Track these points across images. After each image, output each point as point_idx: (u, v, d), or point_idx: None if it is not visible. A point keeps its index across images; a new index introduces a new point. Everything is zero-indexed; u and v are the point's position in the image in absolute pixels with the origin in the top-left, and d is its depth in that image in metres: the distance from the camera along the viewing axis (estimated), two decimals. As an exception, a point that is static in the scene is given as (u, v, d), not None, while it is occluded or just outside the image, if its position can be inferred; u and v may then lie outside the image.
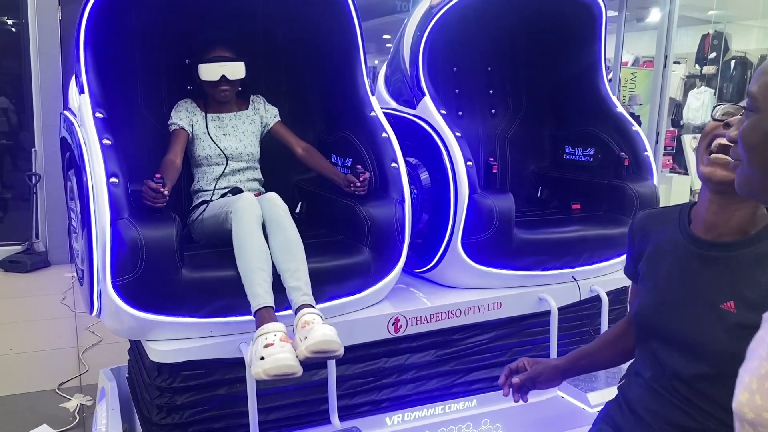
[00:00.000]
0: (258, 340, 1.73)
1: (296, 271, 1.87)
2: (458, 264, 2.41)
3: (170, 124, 2.39)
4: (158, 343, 1.92)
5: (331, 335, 1.71)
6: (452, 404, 2.40)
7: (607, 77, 2.94)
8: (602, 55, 2.88)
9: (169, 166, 2.25)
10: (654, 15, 7.44)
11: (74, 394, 2.76)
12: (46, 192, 4.73)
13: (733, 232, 1.15)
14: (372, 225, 2.13)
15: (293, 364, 1.69)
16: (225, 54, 2.36)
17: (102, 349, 3.23)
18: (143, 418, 2.10)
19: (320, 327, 1.72)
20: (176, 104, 2.43)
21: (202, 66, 2.34)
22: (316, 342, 1.68)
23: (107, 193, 1.79)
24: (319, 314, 1.80)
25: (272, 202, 2.01)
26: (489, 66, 3.17)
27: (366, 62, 2.40)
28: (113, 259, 1.79)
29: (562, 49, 3.00)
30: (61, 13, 4.61)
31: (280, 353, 1.67)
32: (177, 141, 2.35)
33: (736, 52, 8.65)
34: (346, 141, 2.43)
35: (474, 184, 2.35)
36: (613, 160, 2.78)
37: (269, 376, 1.67)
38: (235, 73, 2.37)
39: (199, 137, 2.41)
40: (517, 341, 2.52)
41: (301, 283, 1.85)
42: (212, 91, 2.40)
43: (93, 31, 2.04)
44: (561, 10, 2.77)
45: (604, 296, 2.61)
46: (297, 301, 1.83)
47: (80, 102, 1.97)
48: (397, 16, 6.29)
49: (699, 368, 1.13)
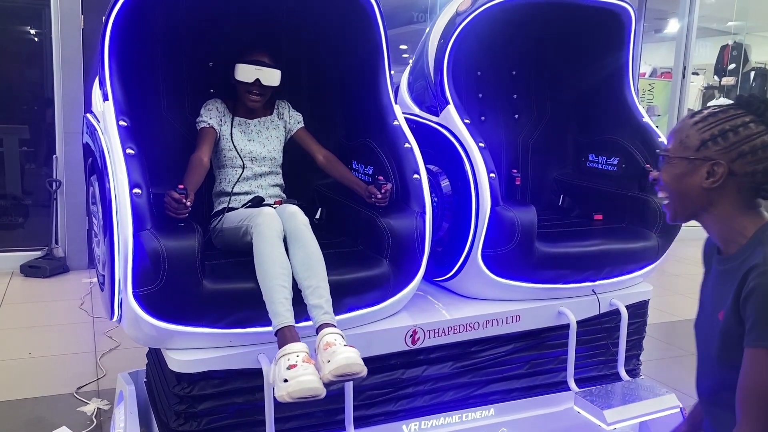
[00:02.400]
0: (280, 361, 1.73)
1: (317, 288, 1.86)
2: (478, 275, 2.40)
3: (199, 121, 2.38)
4: (178, 352, 1.93)
5: (354, 358, 1.71)
6: (470, 413, 2.40)
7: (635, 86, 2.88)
8: (630, 64, 2.83)
9: (197, 165, 2.24)
10: (672, 26, 7.36)
11: (92, 398, 2.79)
12: (66, 198, 4.78)
13: (731, 245, 1.24)
14: (392, 238, 2.12)
15: (317, 387, 1.69)
16: (264, 59, 2.35)
17: (119, 354, 3.27)
18: (161, 422, 2.12)
19: (343, 350, 1.71)
20: (206, 102, 2.42)
21: (240, 66, 2.33)
22: (339, 366, 1.68)
23: (130, 204, 1.79)
24: (340, 334, 1.80)
25: (293, 216, 2.00)
26: (513, 70, 3.12)
27: (390, 70, 2.37)
28: (135, 270, 1.79)
29: (589, 55, 2.95)
30: (84, 22, 4.65)
31: (303, 375, 1.67)
32: (206, 139, 2.34)
33: (755, 64, 8.61)
34: (368, 148, 2.41)
35: (496, 197, 2.32)
36: (638, 172, 2.73)
37: (293, 399, 1.66)
38: (271, 79, 2.35)
39: (226, 138, 2.40)
40: (535, 354, 2.50)
41: (323, 301, 1.85)
42: (243, 95, 2.39)
43: (118, 36, 2.03)
44: (589, 16, 2.71)
45: (624, 310, 2.58)
46: (318, 320, 1.83)
47: (104, 109, 1.97)
48: (413, 27, 6.25)
49: (714, 375, 1.24)
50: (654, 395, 2.38)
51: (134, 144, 1.90)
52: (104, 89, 1.97)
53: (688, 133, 1.22)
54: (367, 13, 2.30)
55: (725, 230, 1.24)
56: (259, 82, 2.34)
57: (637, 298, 2.68)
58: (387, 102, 2.36)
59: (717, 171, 1.18)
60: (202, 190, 2.38)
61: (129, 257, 1.79)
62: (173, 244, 1.80)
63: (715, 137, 1.19)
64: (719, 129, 1.19)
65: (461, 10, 2.48)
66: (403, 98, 2.80)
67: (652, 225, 2.63)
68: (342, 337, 1.79)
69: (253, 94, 2.37)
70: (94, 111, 2.17)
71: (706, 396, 1.29)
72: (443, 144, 2.47)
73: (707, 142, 1.20)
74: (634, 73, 2.85)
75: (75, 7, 4.59)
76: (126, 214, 1.79)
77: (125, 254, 1.79)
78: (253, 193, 2.40)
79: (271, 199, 2.39)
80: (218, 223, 2.23)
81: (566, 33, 2.96)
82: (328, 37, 2.54)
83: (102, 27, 1.99)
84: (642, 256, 2.60)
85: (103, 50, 1.99)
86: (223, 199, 2.40)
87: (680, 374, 3.38)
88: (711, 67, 8.75)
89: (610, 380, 2.63)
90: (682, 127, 1.24)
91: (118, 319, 2.00)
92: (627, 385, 2.48)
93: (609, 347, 2.64)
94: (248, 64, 2.33)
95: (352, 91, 2.52)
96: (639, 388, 2.46)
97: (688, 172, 1.21)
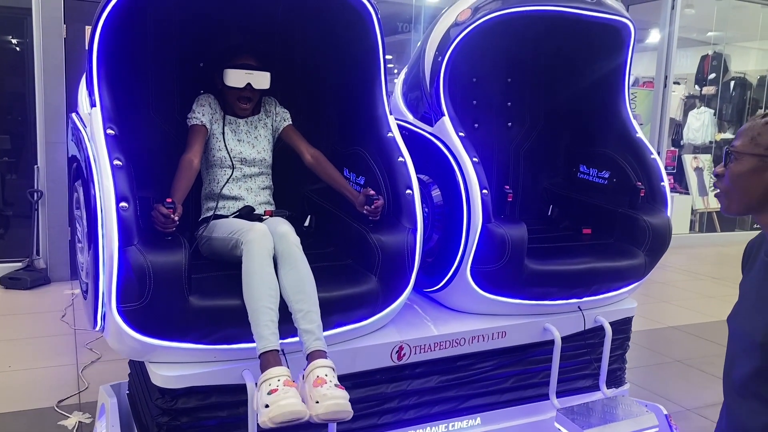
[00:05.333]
0: (262, 386, 1.71)
1: (309, 312, 1.84)
2: (466, 290, 2.39)
3: (191, 117, 2.31)
4: (161, 367, 1.90)
5: (343, 404, 1.69)
6: (456, 422, 2.41)
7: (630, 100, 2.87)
8: (626, 79, 2.81)
9: (187, 168, 2.19)
10: (654, 36, 7.39)
11: (73, 411, 2.75)
12: (48, 209, 4.69)
13: None
14: (383, 254, 2.10)
15: (299, 409, 1.67)
16: (252, 62, 2.30)
17: (102, 367, 3.23)
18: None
19: (333, 393, 1.69)
20: (198, 97, 2.36)
21: (229, 71, 2.27)
22: (329, 412, 1.67)
23: (116, 219, 1.75)
24: (332, 367, 1.78)
25: (285, 237, 1.96)
26: (509, 78, 3.09)
27: (386, 80, 2.33)
28: (119, 285, 1.75)
29: (587, 67, 2.92)
30: (66, 31, 4.54)
31: (283, 399, 1.65)
32: (197, 138, 2.28)
33: (735, 73, 8.71)
34: (361, 158, 2.37)
35: (488, 213, 2.31)
36: (629, 188, 2.73)
37: (276, 424, 1.64)
38: (261, 83, 2.31)
39: (216, 137, 2.35)
40: (519, 369, 2.51)
41: (314, 326, 1.83)
42: (232, 102, 2.34)
43: (107, 38, 1.95)
44: (589, 30, 2.68)
45: (608, 327, 2.60)
46: (309, 346, 1.81)
47: (91, 115, 1.91)
48: (398, 37, 6.19)
49: (751, 363, 1.26)
50: (633, 415, 2.40)
51: (122, 152, 1.85)
52: (92, 95, 1.91)
53: (759, 131, 1.26)
54: (365, 22, 2.24)
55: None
56: (251, 86, 2.29)
57: (622, 314, 2.70)
58: (382, 113, 2.32)
59: None
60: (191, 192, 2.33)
61: (114, 272, 1.75)
62: (160, 261, 1.77)
63: None
64: None
65: (461, 20, 2.43)
66: (397, 105, 2.76)
67: (641, 243, 2.63)
68: (333, 371, 1.77)
69: (243, 101, 2.33)
70: (80, 113, 2.11)
71: (738, 386, 1.33)
72: (436, 155, 2.45)
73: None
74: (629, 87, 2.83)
75: (57, 16, 4.49)
76: (112, 229, 1.74)
77: (110, 269, 1.75)
78: (242, 198, 2.36)
79: (261, 207, 2.35)
80: (206, 230, 2.19)
81: (565, 45, 2.93)
82: (324, 43, 2.48)
83: (92, 28, 1.92)
84: (629, 274, 2.61)
85: (91, 53, 1.92)
86: (211, 204, 2.35)
87: (665, 381, 3.44)
88: (692, 77, 8.87)
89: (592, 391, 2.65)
90: (753, 125, 1.28)
91: (101, 329, 1.96)
92: (608, 403, 2.50)
93: (592, 362, 2.66)
94: (237, 68, 2.27)
95: (347, 99, 2.47)
96: (619, 406, 2.49)
97: (757, 169, 1.25)
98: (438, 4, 6.16)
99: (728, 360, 1.38)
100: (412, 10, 6.07)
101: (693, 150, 8.44)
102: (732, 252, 1.59)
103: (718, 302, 5.04)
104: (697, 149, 8.41)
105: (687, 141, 8.55)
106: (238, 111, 2.35)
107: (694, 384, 3.42)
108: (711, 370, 3.60)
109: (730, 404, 1.36)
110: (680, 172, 7.93)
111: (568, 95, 3.05)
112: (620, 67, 2.78)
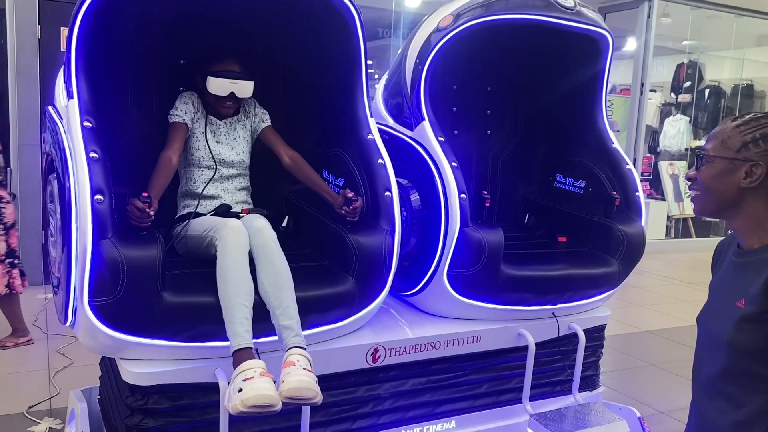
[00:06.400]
0: (237, 378, 1.69)
1: (287, 309, 1.83)
2: (442, 294, 2.40)
3: (173, 114, 2.29)
4: (132, 364, 1.87)
5: (307, 382, 1.68)
6: (431, 426, 2.41)
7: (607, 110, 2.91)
8: (603, 90, 2.85)
9: (166, 165, 2.17)
10: (631, 44, 7.55)
11: (44, 417, 2.70)
12: (22, 213, 4.59)
13: (757, 240, 1.30)
14: (360, 255, 2.09)
15: (273, 395, 1.65)
16: (235, 68, 2.28)
17: (73, 372, 3.18)
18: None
19: (298, 372, 1.69)
20: (182, 94, 2.34)
21: (213, 79, 2.25)
22: (291, 388, 1.66)
23: (91, 212, 1.72)
24: (306, 357, 1.77)
25: (261, 232, 1.95)
26: (489, 86, 3.12)
27: (368, 82, 2.34)
28: (92, 279, 1.73)
29: (565, 77, 2.96)
30: (40, 32, 4.49)
31: (258, 383, 1.64)
32: (177, 136, 2.26)
33: (710, 82, 8.95)
34: (340, 159, 2.37)
35: (466, 218, 2.32)
36: (604, 198, 2.77)
37: (247, 407, 1.62)
38: (245, 91, 2.30)
39: (196, 136, 2.33)
40: (494, 374, 2.52)
41: (293, 322, 1.82)
42: (215, 104, 2.32)
43: (86, 32, 1.93)
44: (568, 40, 2.72)
45: (582, 334, 2.62)
46: (289, 342, 1.80)
47: (68, 107, 1.88)
48: (378, 42, 6.26)
49: (718, 363, 1.28)
50: (605, 421, 2.42)
51: (98, 146, 1.82)
52: (69, 87, 1.89)
53: (729, 134, 1.28)
54: (347, 23, 2.25)
55: (752, 227, 1.30)
56: (234, 95, 2.28)
57: (596, 322, 2.72)
58: (362, 115, 2.33)
59: (755, 172, 1.25)
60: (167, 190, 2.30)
61: (87, 266, 1.72)
62: (134, 255, 1.74)
63: (756, 140, 1.25)
64: (761, 133, 1.26)
65: (442, 27, 2.46)
66: (378, 110, 2.76)
67: (615, 252, 2.66)
68: (307, 360, 1.76)
69: (226, 106, 2.32)
70: (56, 105, 2.08)
71: (704, 384, 1.34)
72: (416, 159, 2.46)
73: (748, 144, 1.26)
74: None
75: (31, 18, 4.44)
76: (86, 222, 1.72)
77: (83, 263, 1.72)
78: (219, 198, 2.34)
79: (238, 206, 2.34)
80: (182, 229, 2.17)
81: (544, 55, 2.97)
82: (306, 44, 2.48)
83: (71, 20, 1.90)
84: (603, 282, 2.63)
85: (70, 44, 1.90)
86: (188, 202, 2.33)
87: (640, 384, 3.47)
88: (668, 85, 9.08)
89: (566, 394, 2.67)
90: (723, 129, 1.31)
91: (72, 324, 1.93)
92: (581, 409, 2.52)
93: (566, 369, 2.68)
94: (221, 77, 2.25)
95: (327, 100, 2.47)
96: (591, 412, 2.51)
97: (727, 171, 1.28)
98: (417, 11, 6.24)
99: (696, 360, 1.40)
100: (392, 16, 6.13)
101: (669, 157, 8.59)
102: (706, 257, 1.64)
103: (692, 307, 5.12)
104: (673, 156, 8.57)
105: (663, 148, 8.72)
106: (220, 111, 2.34)
107: (667, 387, 3.47)
108: (684, 373, 3.65)
109: (698, 404, 1.37)
110: (656, 179, 8.06)
111: (547, 105, 3.09)
112: (597, 77, 2.83)
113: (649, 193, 7.90)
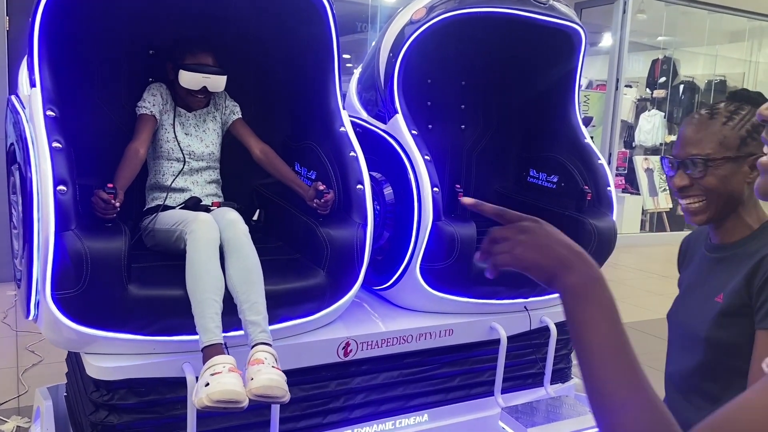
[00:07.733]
0: (205, 372, 1.67)
1: (255, 304, 1.81)
2: (414, 288, 2.39)
3: (141, 106, 2.25)
4: (97, 358, 1.83)
5: (277, 380, 1.67)
6: (403, 419, 2.40)
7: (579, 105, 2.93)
8: (576, 85, 2.87)
9: (132, 157, 2.13)
10: (606, 40, 7.61)
11: (11, 416, 2.65)
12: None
13: (735, 234, 1.29)
14: (331, 249, 2.08)
15: (240, 391, 1.64)
16: (209, 61, 2.24)
17: (43, 369, 3.11)
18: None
19: (267, 371, 1.67)
20: (150, 86, 2.30)
21: (185, 73, 2.20)
22: (261, 386, 1.64)
23: (53, 202, 1.68)
24: (273, 354, 1.75)
25: (233, 225, 1.92)
26: (463, 81, 3.12)
27: (341, 75, 2.32)
28: (55, 271, 1.69)
29: (538, 72, 2.97)
30: (9, 24, 4.37)
31: (226, 378, 1.62)
32: (145, 128, 2.22)
33: (684, 77, 9.08)
34: (312, 152, 2.35)
35: (438, 211, 2.31)
36: (576, 192, 2.78)
37: (213, 402, 1.60)
38: (217, 86, 2.27)
39: (165, 128, 2.29)
40: (466, 368, 2.52)
41: (260, 318, 1.80)
42: (186, 96, 2.29)
43: (50, 18, 1.89)
44: (541, 35, 2.72)
45: (553, 327, 2.63)
46: (255, 338, 1.78)
47: (31, 96, 1.83)
48: (356, 36, 6.24)
49: (694, 359, 1.27)
50: (577, 414, 2.44)
51: (62, 136, 1.78)
52: (32, 75, 1.84)
53: (724, 134, 1.24)
54: (320, 15, 2.23)
55: (734, 221, 1.29)
56: (206, 89, 2.25)
57: (567, 315, 2.74)
58: (335, 107, 2.31)
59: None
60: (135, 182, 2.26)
61: (49, 258, 1.68)
62: (98, 247, 1.71)
63: (751, 133, 1.23)
64: (751, 124, 1.24)
65: (415, 19, 2.44)
66: (351, 102, 2.75)
67: (587, 245, 2.68)
68: (274, 357, 1.74)
69: (197, 99, 2.29)
70: (20, 95, 2.03)
71: (679, 383, 1.33)
72: (389, 153, 2.44)
73: (746, 139, 1.23)
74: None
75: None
76: (48, 213, 1.68)
77: (45, 254, 1.68)
78: (189, 190, 2.31)
79: (208, 199, 2.30)
80: (151, 221, 2.13)
81: (518, 49, 2.97)
82: (278, 33, 2.45)
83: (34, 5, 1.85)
84: (575, 276, 2.65)
85: (32, 31, 1.85)
86: (157, 195, 2.29)
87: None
88: (643, 80, 9.19)
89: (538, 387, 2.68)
90: (713, 130, 1.25)
91: (34, 318, 1.88)
92: (552, 402, 2.53)
93: (537, 362, 2.69)
94: (194, 71, 2.21)
95: (299, 92, 2.45)
96: (563, 405, 2.52)
97: (734, 170, 1.24)
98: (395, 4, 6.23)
99: (669, 357, 1.39)
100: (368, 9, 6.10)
101: (644, 152, 8.71)
102: (681, 250, 1.73)
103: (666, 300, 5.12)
104: (648, 151, 8.69)
105: (638, 143, 8.83)
106: (190, 104, 2.30)
107: (640, 381, 3.49)
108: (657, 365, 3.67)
109: (671, 403, 1.36)
110: (631, 173, 8.15)
111: (520, 99, 3.09)
112: (571, 73, 2.84)
113: (624, 188, 7.99)
